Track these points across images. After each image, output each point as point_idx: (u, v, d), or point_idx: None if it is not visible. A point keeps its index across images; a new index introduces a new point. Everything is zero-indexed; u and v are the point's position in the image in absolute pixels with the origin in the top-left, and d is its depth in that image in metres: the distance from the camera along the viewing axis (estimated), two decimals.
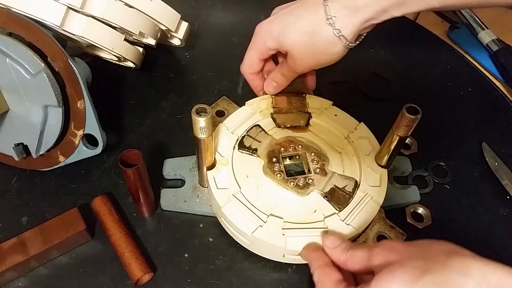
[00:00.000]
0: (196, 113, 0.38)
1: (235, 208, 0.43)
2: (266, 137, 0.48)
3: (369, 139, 0.48)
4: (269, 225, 0.42)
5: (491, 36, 0.66)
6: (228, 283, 0.44)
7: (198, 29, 0.67)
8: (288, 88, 0.51)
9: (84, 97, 0.45)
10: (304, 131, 0.49)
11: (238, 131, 0.48)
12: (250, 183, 0.45)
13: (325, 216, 0.43)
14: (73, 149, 0.48)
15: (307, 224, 0.42)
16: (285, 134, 0.48)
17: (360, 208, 0.44)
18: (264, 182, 0.45)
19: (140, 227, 0.47)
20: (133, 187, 0.43)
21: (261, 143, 0.48)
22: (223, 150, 0.47)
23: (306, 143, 0.47)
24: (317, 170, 0.45)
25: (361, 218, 0.43)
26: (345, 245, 0.38)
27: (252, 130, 0.49)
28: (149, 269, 0.43)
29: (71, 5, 0.43)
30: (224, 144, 0.47)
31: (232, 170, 0.46)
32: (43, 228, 0.43)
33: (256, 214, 0.43)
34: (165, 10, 0.51)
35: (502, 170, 0.52)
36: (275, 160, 0.46)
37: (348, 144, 0.48)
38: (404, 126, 0.40)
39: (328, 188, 0.44)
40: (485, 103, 0.61)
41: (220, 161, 0.46)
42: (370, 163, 0.46)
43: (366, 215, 0.43)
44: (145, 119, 0.57)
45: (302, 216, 0.43)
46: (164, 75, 0.62)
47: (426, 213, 0.48)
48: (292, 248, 0.41)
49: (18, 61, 0.43)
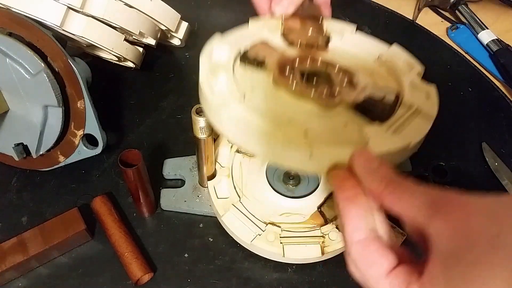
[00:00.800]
0: (196, 113, 0.38)
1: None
2: (276, 50, 0.38)
3: (406, 59, 0.39)
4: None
5: (491, 36, 0.66)
6: (228, 283, 0.44)
7: (198, 29, 0.67)
8: (300, 12, 0.41)
9: (84, 97, 0.45)
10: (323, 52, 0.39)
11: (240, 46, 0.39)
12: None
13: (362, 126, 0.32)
14: (73, 149, 0.48)
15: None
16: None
17: (409, 121, 0.33)
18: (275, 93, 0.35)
19: (140, 227, 0.47)
20: (133, 187, 0.43)
21: (270, 54, 0.38)
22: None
23: (328, 61, 0.37)
24: (344, 82, 0.35)
25: (412, 129, 0.32)
26: (385, 172, 0.26)
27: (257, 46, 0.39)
28: (149, 269, 0.43)
29: (71, 5, 0.43)
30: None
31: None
32: (43, 228, 0.43)
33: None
34: (165, 10, 0.51)
35: (502, 170, 0.52)
36: (288, 70, 0.36)
37: (380, 66, 0.39)
38: None
39: (361, 99, 0.33)
40: (485, 103, 0.61)
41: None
42: (413, 80, 0.36)
43: (418, 127, 0.32)
44: (145, 119, 0.57)
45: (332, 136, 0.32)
46: (164, 75, 0.62)
47: None
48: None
49: (18, 61, 0.43)
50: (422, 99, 0.35)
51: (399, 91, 0.35)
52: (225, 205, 0.44)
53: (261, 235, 0.42)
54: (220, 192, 0.45)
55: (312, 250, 0.41)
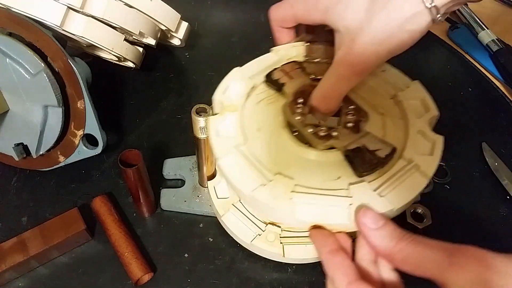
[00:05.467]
0: (196, 113, 0.38)
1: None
2: (301, 76, 0.40)
3: (424, 100, 0.39)
4: (274, 185, 0.34)
5: (491, 36, 0.66)
6: (228, 283, 0.44)
7: (198, 29, 0.67)
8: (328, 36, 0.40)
9: (84, 97, 0.45)
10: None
11: (256, 79, 0.40)
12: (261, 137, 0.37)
13: (350, 183, 0.33)
14: (73, 149, 0.48)
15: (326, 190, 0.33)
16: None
17: (401, 180, 0.33)
18: (279, 137, 0.37)
19: (140, 227, 0.47)
20: (133, 187, 0.43)
21: (292, 80, 0.39)
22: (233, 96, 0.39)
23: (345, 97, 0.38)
24: (349, 124, 0.36)
25: (401, 191, 0.33)
26: (391, 229, 0.28)
27: (288, 65, 0.40)
28: (149, 269, 0.43)
29: (71, 5, 0.43)
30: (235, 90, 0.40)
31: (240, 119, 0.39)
32: (43, 228, 0.43)
33: (261, 171, 0.36)
34: (165, 10, 0.51)
35: (502, 170, 0.52)
36: (301, 101, 0.37)
37: (394, 106, 0.39)
38: None
39: (353, 146, 0.35)
40: (485, 103, 0.61)
41: (228, 107, 0.38)
42: (421, 128, 0.37)
43: (408, 189, 0.33)
44: (145, 119, 0.57)
45: (320, 182, 0.34)
46: (164, 75, 0.62)
47: (426, 213, 0.48)
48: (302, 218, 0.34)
49: (18, 61, 0.43)
50: (424, 152, 0.35)
51: (399, 144, 0.36)
52: (225, 205, 0.44)
53: (261, 235, 0.42)
54: (220, 192, 0.45)
55: (312, 250, 0.41)
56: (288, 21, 0.39)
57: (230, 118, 0.37)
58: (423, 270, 0.26)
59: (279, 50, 0.43)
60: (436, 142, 0.36)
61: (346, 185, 0.33)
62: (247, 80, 0.40)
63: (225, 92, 0.39)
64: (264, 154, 0.36)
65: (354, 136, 0.36)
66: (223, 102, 0.38)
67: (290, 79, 0.39)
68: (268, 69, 0.41)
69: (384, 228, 0.28)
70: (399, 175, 0.34)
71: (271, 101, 0.40)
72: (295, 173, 0.34)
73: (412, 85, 0.40)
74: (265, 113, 0.39)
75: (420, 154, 0.35)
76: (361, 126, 0.36)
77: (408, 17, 0.30)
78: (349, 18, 0.32)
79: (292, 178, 0.34)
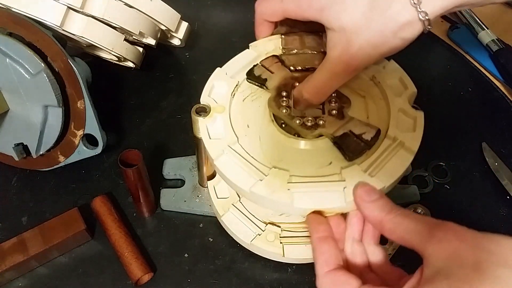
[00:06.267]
0: (196, 113, 0.38)
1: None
2: (281, 69, 0.41)
3: (401, 79, 0.41)
4: (271, 179, 0.35)
5: (491, 36, 0.66)
6: (228, 283, 0.44)
7: (198, 29, 0.67)
8: (303, 26, 0.42)
9: (84, 97, 0.45)
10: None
11: (239, 77, 0.42)
12: (251, 133, 0.39)
13: (342, 167, 0.35)
14: (73, 149, 0.48)
15: (320, 177, 0.35)
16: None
17: (388, 158, 0.35)
18: (268, 131, 0.39)
19: (140, 227, 0.47)
20: (133, 187, 0.43)
21: (273, 75, 0.41)
22: (219, 97, 0.40)
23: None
24: (333, 112, 0.38)
25: (389, 169, 0.35)
26: (384, 202, 0.30)
27: (267, 60, 0.42)
28: (149, 269, 0.43)
29: (71, 5, 0.43)
30: (220, 91, 0.41)
31: (229, 119, 0.40)
32: (43, 228, 0.43)
33: (257, 167, 0.36)
34: (165, 10, 0.51)
35: (502, 170, 0.52)
36: (285, 94, 0.39)
37: (373, 86, 0.41)
38: None
39: (340, 133, 0.37)
40: (485, 103, 0.61)
41: (215, 109, 0.39)
42: (402, 106, 0.38)
43: (396, 166, 0.35)
44: (145, 119, 0.57)
45: (314, 169, 0.35)
46: (164, 75, 0.62)
47: (426, 213, 0.48)
48: (300, 206, 0.34)
49: (18, 61, 0.43)
50: (407, 129, 0.37)
51: (382, 124, 0.38)
52: (225, 205, 0.44)
53: (261, 235, 0.42)
54: (220, 192, 0.45)
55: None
56: (276, 15, 0.39)
57: (219, 118, 0.38)
58: (407, 240, 0.28)
59: (257, 45, 0.43)
60: (418, 118, 0.38)
61: (339, 170, 0.35)
62: (229, 80, 0.41)
63: (211, 94, 0.40)
64: (256, 149, 0.37)
65: (339, 122, 0.37)
66: (210, 104, 0.39)
67: (271, 74, 0.41)
68: (248, 66, 0.42)
69: (378, 201, 0.31)
70: (386, 154, 0.35)
71: (256, 97, 0.41)
72: (289, 164, 0.36)
73: (388, 65, 0.41)
74: (252, 109, 0.40)
75: (403, 131, 0.37)
76: (345, 112, 0.38)
77: (403, 26, 0.32)
78: (346, 20, 0.33)
79: (287, 169, 0.35)
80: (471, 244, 0.26)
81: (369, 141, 0.36)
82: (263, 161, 0.36)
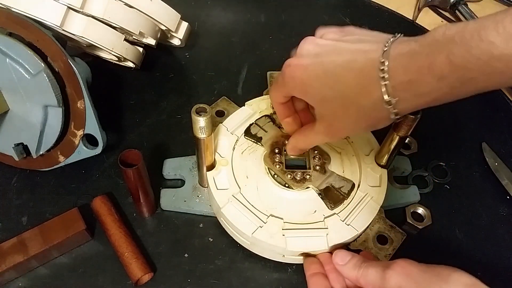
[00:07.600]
0: (196, 113, 0.38)
1: (235, 209, 0.43)
2: (273, 128, 0.49)
3: (369, 139, 0.49)
4: (269, 226, 0.42)
5: None
6: (228, 283, 0.44)
7: (198, 29, 0.67)
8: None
9: (84, 97, 0.45)
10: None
11: (237, 132, 0.49)
12: (250, 183, 0.45)
13: (325, 216, 0.43)
14: (73, 149, 0.48)
15: (307, 224, 0.43)
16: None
17: (360, 209, 0.44)
18: (264, 182, 0.45)
19: (140, 227, 0.47)
20: (133, 187, 0.43)
21: (267, 133, 0.49)
22: (223, 151, 0.47)
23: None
24: (317, 167, 0.46)
25: (361, 218, 0.43)
26: (356, 260, 0.38)
27: (261, 120, 0.50)
28: (149, 269, 0.43)
29: (71, 5, 0.43)
30: (224, 144, 0.47)
31: (232, 171, 0.46)
32: (43, 228, 0.43)
33: (256, 214, 0.43)
34: (165, 10, 0.51)
35: (502, 170, 0.52)
36: (277, 151, 0.47)
37: (347, 144, 0.49)
38: (404, 126, 0.40)
39: (324, 186, 0.45)
40: (485, 103, 0.61)
41: (220, 162, 0.46)
42: (370, 163, 0.47)
43: (366, 215, 0.44)
44: (145, 119, 0.57)
45: (302, 217, 0.43)
46: (164, 75, 0.62)
47: (426, 213, 0.48)
48: (292, 249, 0.41)
49: (18, 61, 0.43)
50: (375, 183, 0.46)
51: (356, 178, 0.46)
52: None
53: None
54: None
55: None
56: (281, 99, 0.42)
57: (224, 171, 0.46)
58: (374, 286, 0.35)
59: (251, 104, 0.51)
60: (382, 174, 0.46)
61: (322, 218, 0.43)
62: (230, 136, 0.48)
63: (217, 149, 0.47)
64: (255, 198, 0.44)
65: (322, 176, 0.46)
66: (216, 158, 0.46)
67: (265, 132, 0.49)
68: (245, 121, 0.49)
69: (351, 261, 0.38)
70: (358, 204, 0.44)
71: (252, 150, 0.48)
72: (282, 212, 0.43)
73: None
74: (249, 162, 0.47)
75: (371, 185, 0.46)
76: (327, 167, 0.46)
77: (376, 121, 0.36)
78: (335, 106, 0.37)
79: (281, 218, 0.43)
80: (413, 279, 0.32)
81: (346, 193, 0.45)
82: (262, 209, 0.43)
